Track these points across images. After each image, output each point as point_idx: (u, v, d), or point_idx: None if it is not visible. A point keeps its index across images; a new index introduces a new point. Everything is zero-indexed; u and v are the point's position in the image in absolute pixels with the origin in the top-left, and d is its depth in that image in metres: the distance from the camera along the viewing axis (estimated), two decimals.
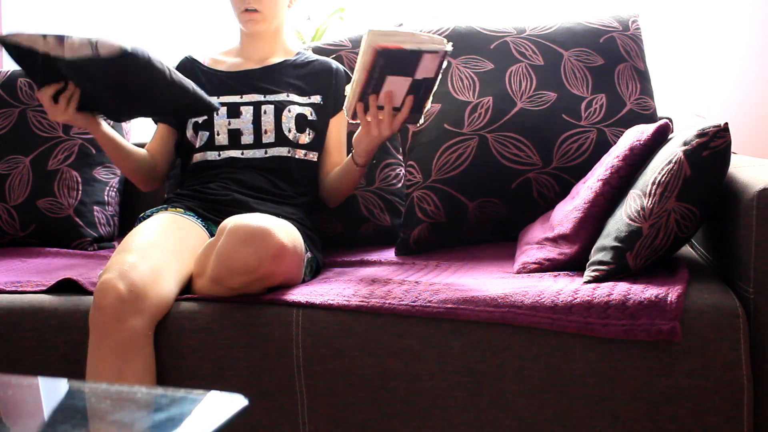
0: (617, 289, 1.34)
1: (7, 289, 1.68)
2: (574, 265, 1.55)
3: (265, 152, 1.86)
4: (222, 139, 1.86)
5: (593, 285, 1.38)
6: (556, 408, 1.34)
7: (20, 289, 1.67)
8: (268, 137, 1.87)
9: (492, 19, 2.08)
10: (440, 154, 1.87)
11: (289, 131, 1.88)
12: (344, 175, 1.89)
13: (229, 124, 1.87)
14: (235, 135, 1.87)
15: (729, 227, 1.43)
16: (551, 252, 1.58)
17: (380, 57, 1.51)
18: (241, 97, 1.90)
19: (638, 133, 1.55)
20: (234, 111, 1.88)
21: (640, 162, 1.51)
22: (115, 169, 2.25)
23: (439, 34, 2.00)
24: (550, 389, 1.34)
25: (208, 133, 1.87)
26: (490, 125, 1.88)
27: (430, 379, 1.38)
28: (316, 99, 1.94)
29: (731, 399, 1.29)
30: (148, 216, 1.74)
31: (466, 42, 1.98)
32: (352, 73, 2.09)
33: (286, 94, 1.91)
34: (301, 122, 1.90)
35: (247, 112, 1.88)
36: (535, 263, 1.58)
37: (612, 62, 1.93)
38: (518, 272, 1.59)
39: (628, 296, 1.32)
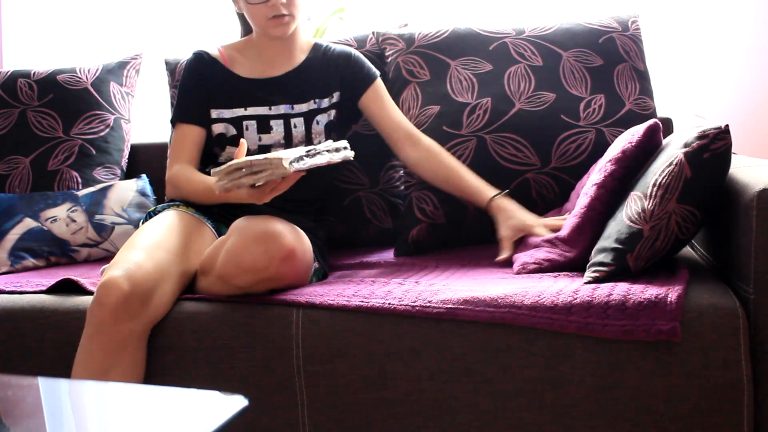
0: (617, 290, 1.34)
1: (7, 289, 1.68)
2: (573, 266, 1.55)
3: None
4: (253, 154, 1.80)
5: (593, 285, 1.39)
6: (556, 408, 1.34)
7: (20, 289, 1.67)
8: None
9: (491, 20, 2.08)
10: None
11: (319, 143, 1.84)
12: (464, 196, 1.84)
13: (260, 140, 1.81)
14: (266, 150, 1.80)
15: (729, 228, 1.43)
16: (551, 253, 1.58)
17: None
18: (270, 109, 1.83)
19: (629, 136, 1.55)
20: (264, 126, 1.82)
21: (634, 163, 1.51)
22: (116, 169, 2.25)
23: (439, 36, 2.00)
24: (550, 389, 1.34)
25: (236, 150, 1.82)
26: (488, 126, 1.88)
27: (430, 379, 1.38)
28: (336, 96, 1.88)
29: (731, 399, 1.29)
30: (158, 212, 1.73)
31: (466, 43, 1.98)
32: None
33: (312, 100, 1.85)
34: (329, 129, 1.87)
35: (278, 126, 1.82)
36: (534, 263, 1.58)
37: (611, 62, 1.93)
38: (518, 272, 1.59)
39: (628, 296, 1.32)
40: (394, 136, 1.88)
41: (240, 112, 1.82)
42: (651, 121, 1.54)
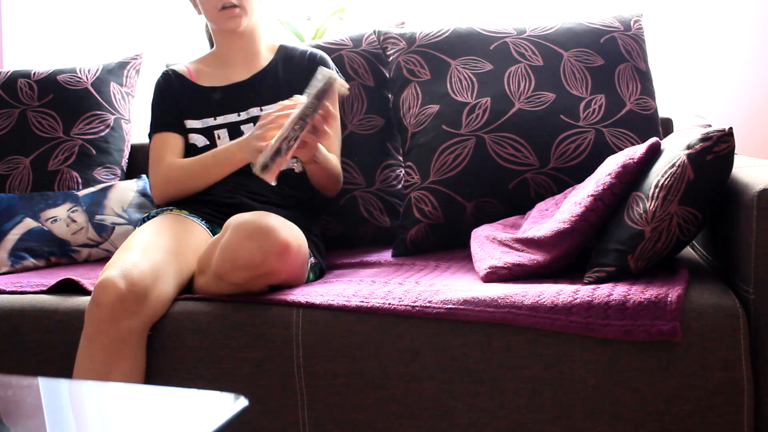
0: (617, 290, 1.34)
1: (7, 289, 1.68)
2: (544, 273, 1.53)
3: None
4: None
5: (593, 285, 1.38)
6: (556, 408, 1.34)
7: (20, 289, 1.67)
8: None
9: (492, 19, 2.08)
10: (438, 155, 1.87)
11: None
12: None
13: None
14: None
15: (729, 227, 1.43)
16: (520, 257, 1.54)
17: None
18: (239, 115, 1.85)
19: (631, 152, 1.52)
20: (235, 132, 1.83)
21: (633, 180, 1.50)
22: (116, 169, 2.25)
23: (440, 35, 2.00)
24: (550, 389, 1.34)
25: None
26: (487, 126, 1.88)
27: (430, 379, 1.38)
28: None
29: (731, 399, 1.29)
30: (153, 216, 1.74)
31: (466, 43, 1.98)
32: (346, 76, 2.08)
33: (281, 102, 1.86)
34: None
35: (248, 130, 1.82)
36: (504, 268, 1.54)
37: (612, 62, 1.93)
38: (488, 277, 1.54)
39: (628, 297, 1.32)
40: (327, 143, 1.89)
41: (210, 122, 1.84)
42: (653, 140, 1.52)
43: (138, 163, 2.35)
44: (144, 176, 2.24)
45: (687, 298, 1.33)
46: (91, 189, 2.15)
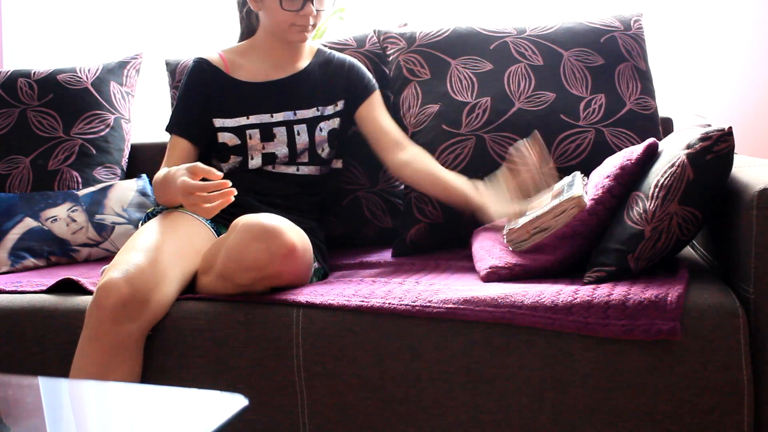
0: (617, 290, 1.34)
1: (7, 289, 1.68)
2: (546, 273, 1.53)
3: (297, 169, 1.83)
4: (255, 162, 1.80)
5: (593, 285, 1.38)
6: (556, 408, 1.34)
7: (20, 289, 1.67)
8: (303, 158, 1.83)
9: (492, 19, 2.08)
10: (438, 155, 1.87)
11: (323, 151, 1.85)
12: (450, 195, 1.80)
13: (263, 148, 1.80)
14: (269, 157, 1.81)
15: (729, 227, 1.43)
16: (522, 257, 1.54)
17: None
18: (272, 116, 1.82)
19: (628, 153, 1.52)
20: (267, 133, 1.80)
21: (631, 182, 1.50)
22: (116, 169, 2.25)
23: (440, 35, 2.00)
24: (550, 389, 1.34)
25: (241, 158, 1.80)
26: (487, 125, 1.88)
27: (430, 379, 1.38)
28: (340, 105, 1.89)
29: (731, 399, 1.29)
30: (157, 213, 1.73)
31: (466, 43, 1.98)
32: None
33: (315, 108, 1.85)
34: (333, 137, 1.87)
35: (281, 134, 1.81)
36: (506, 268, 1.53)
37: (612, 62, 1.93)
38: (488, 276, 1.53)
39: (628, 296, 1.32)
40: (383, 141, 1.87)
41: (243, 120, 1.81)
42: (650, 140, 1.52)
43: (138, 162, 2.34)
44: (144, 176, 2.24)
45: (687, 298, 1.33)
46: (91, 188, 2.15)
